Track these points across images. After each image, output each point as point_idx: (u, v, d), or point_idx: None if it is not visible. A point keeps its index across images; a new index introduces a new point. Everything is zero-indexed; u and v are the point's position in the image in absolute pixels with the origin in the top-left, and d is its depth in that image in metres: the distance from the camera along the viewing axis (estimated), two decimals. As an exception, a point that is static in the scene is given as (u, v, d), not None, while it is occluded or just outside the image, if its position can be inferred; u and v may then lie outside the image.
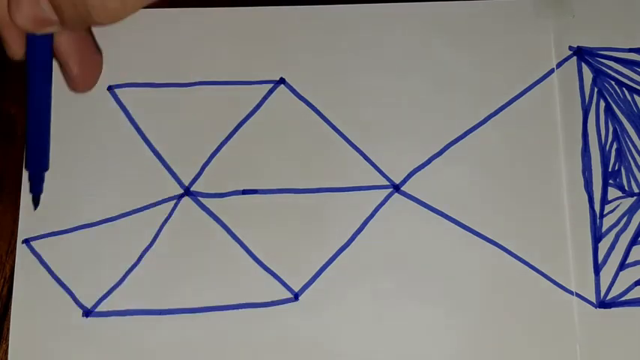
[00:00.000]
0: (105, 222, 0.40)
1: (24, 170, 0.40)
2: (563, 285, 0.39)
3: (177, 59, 0.42)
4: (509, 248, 0.39)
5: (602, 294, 0.38)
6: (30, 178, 0.39)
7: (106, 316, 0.38)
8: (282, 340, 0.38)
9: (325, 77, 0.41)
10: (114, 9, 0.30)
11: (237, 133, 0.41)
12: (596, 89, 0.41)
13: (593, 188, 0.40)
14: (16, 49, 0.32)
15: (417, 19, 0.42)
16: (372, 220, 0.40)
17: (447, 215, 0.40)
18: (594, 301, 0.38)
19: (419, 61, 0.42)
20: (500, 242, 0.39)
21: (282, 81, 0.41)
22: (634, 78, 0.41)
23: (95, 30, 0.42)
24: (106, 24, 0.30)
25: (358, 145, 0.41)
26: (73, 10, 0.29)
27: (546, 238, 0.39)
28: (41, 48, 0.33)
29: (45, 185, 0.40)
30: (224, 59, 0.42)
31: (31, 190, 0.39)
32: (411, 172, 0.40)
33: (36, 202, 0.39)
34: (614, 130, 0.41)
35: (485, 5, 0.42)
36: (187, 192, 0.40)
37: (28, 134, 0.37)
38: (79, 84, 0.35)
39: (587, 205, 0.40)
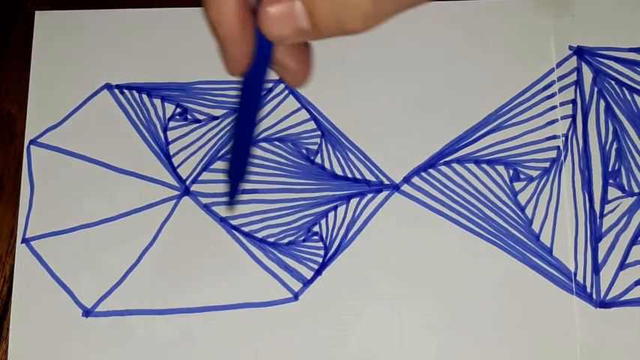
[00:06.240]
0: (105, 222, 0.40)
1: (26, 171, 0.40)
2: (563, 285, 0.39)
3: (177, 59, 0.42)
4: (509, 248, 0.39)
5: (602, 294, 0.38)
6: (228, 187, 0.38)
7: (106, 316, 0.38)
8: (282, 340, 0.38)
9: (325, 77, 0.41)
10: (371, 23, 0.29)
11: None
12: (596, 89, 0.41)
13: (593, 188, 0.40)
14: (241, 65, 0.31)
15: (417, 20, 0.42)
16: (372, 220, 0.40)
17: (447, 215, 0.40)
18: (594, 301, 0.38)
19: (419, 61, 0.42)
20: (499, 242, 0.39)
21: (282, 80, 0.41)
22: (634, 78, 0.41)
23: (94, 30, 0.42)
24: (354, 34, 0.30)
25: (358, 145, 0.41)
26: (329, 20, 0.29)
27: (546, 239, 0.39)
28: (265, 59, 0.32)
29: (45, 185, 0.40)
30: (224, 59, 0.42)
31: (228, 198, 0.38)
32: (411, 172, 0.40)
33: (229, 209, 0.39)
34: (614, 130, 0.41)
35: (485, 5, 0.42)
36: (187, 192, 0.40)
37: (234, 146, 0.37)
38: (296, 79, 0.34)
39: (588, 205, 0.40)
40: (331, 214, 0.40)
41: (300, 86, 0.35)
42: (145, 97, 0.41)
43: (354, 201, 0.40)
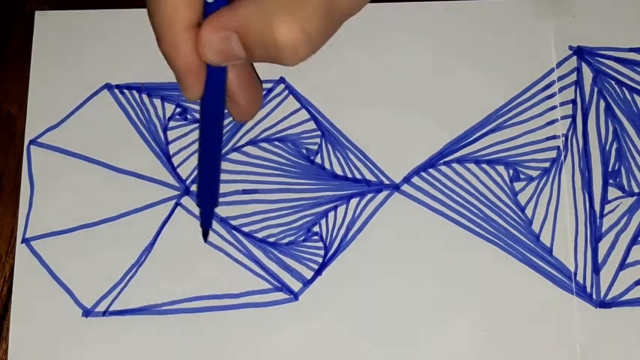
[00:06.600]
0: (105, 222, 0.40)
1: (26, 171, 0.40)
2: (563, 285, 0.39)
3: (177, 59, 0.42)
4: (509, 248, 0.39)
5: (602, 294, 0.38)
6: (201, 214, 0.37)
7: (106, 316, 0.38)
8: (282, 340, 0.38)
9: (325, 77, 0.41)
10: (303, 53, 0.30)
11: (237, 132, 0.41)
12: (596, 89, 0.41)
13: (593, 188, 0.40)
14: (196, 90, 0.32)
15: (417, 19, 0.42)
16: (372, 220, 0.40)
17: (447, 215, 0.40)
18: (594, 301, 0.38)
19: (419, 60, 0.42)
20: (499, 242, 0.39)
21: (282, 80, 0.41)
22: (634, 78, 0.41)
23: (94, 30, 0.42)
24: (290, 65, 0.31)
25: (358, 145, 0.41)
26: (262, 51, 0.29)
27: (546, 239, 0.39)
28: (218, 85, 0.32)
29: (45, 185, 0.40)
30: (224, 59, 0.42)
31: (202, 225, 0.37)
32: (411, 172, 0.40)
33: (205, 235, 0.37)
34: (614, 130, 0.41)
35: (486, 5, 0.42)
36: (187, 192, 0.40)
37: (201, 172, 0.36)
38: (244, 115, 0.35)
39: (588, 205, 0.40)
40: (331, 214, 0.40)
41: (244, 121, 0.36)
42: (145, 97, 0.41)
43: (354, 201, 0.40)
